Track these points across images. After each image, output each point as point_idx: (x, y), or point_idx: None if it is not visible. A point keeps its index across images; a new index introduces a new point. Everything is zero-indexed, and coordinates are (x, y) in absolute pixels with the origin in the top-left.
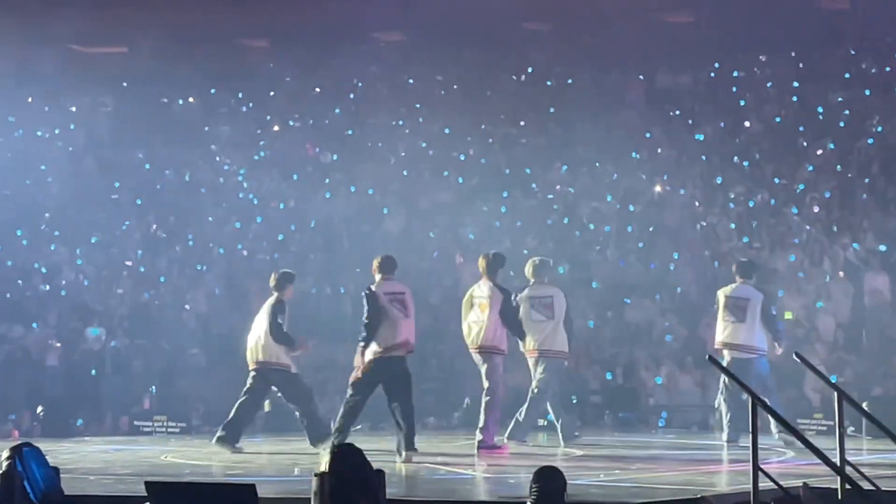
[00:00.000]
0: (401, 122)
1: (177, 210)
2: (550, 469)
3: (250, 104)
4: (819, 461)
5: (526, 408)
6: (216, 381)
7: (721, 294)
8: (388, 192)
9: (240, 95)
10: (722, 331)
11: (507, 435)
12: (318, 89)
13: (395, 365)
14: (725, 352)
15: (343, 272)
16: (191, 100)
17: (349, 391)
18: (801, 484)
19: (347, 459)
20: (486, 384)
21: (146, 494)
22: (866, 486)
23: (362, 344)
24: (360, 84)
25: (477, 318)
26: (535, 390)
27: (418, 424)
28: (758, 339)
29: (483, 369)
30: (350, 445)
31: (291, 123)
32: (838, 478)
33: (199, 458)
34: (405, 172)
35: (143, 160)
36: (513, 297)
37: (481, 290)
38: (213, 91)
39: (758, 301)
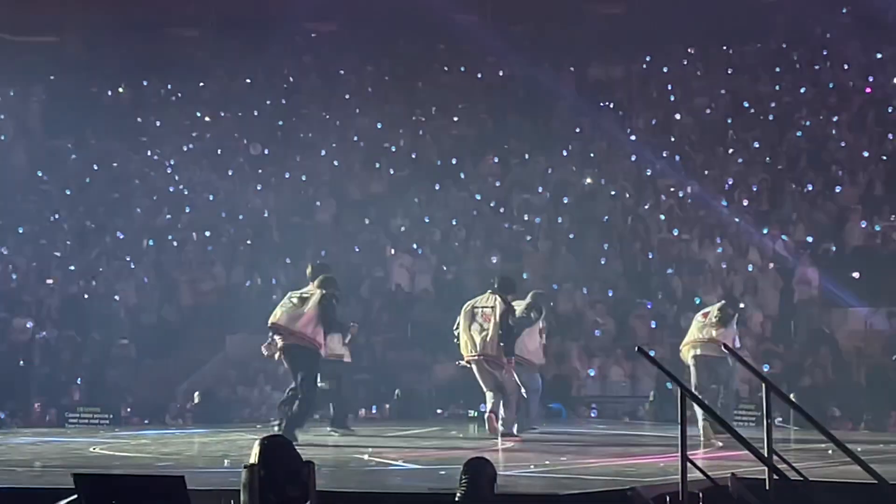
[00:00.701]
0: (332, 114)
1: (106, 201)
2: (480, 460)
3: (180, 95)
4: (747, 452)
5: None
6: (145, 372)
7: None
8: (319, 184)
9: (169, 86)
10: (691, 331)
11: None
12: (248, 80)
13: (292, 352)
14: (694, 350)
15: (274, 263)
16: (121, 90)
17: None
18: (729, 475)
19: (277, 451)
20: (505, 385)
21: (74, 487)
22: (794, 476)
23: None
24: (291, 75)
25: (480, 328)
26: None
27: (352, 414)
28: (724, 337)
29: (496, 375)
30: (280, 437)
31: (222, 114)
32: (766, 468)
33: (128, 450)
34: (336, 164)
35: (73, 150)
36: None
37: (486, 301)
38: (143, 81)
39: (718, 304)
